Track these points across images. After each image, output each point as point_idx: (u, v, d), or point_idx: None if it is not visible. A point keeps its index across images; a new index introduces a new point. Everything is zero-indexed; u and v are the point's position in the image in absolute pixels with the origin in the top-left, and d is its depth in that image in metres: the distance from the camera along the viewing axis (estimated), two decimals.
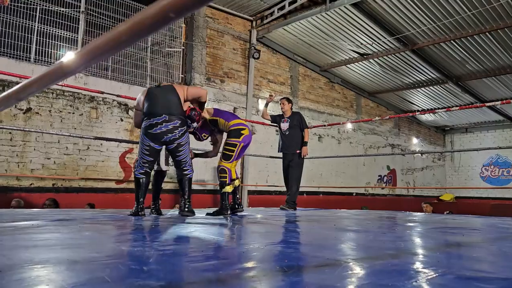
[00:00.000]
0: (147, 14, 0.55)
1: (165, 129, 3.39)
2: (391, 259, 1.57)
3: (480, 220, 3.41)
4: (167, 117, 3.40)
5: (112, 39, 0.60)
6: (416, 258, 1.60)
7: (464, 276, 1.20)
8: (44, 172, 6.40)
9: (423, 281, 1.14)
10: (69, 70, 0.71)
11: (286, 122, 5.59)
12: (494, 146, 11.13)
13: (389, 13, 7.98)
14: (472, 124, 14.34)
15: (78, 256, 1.35)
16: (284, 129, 5.57)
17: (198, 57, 8.55)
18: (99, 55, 0.65)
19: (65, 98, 6.70)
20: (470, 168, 14.54)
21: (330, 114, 11.07)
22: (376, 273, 1.28)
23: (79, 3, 7.01)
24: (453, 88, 10.93)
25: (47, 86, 0.81)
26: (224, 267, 1.23)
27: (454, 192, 14.20)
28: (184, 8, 0.52)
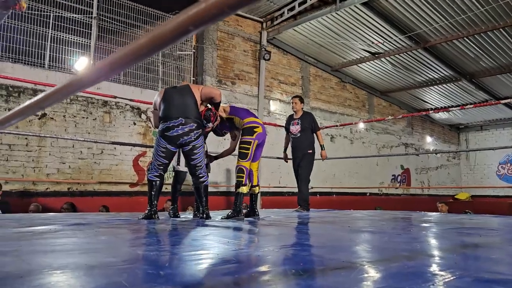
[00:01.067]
0: (167, 28, 0.56)
1: (181, 131, 3.40)
2: (407, 261, 1.55)
3: (497, 220, 3.36)
4: (183, 120, 3.41)
5: (133, 51, 0.62)
6: (433, 260, 1.58)
7: (483, 278, 1.19)
8: (59, 176, 6.49)
9: (440, 284, 1.13)
10: (89, 81, 0.73)
11: (296, 124, 5.32)
12: (510, 144, 10.96)
13: (400, 11, 7.91)
14: (487, 122, 14.12)
15: (95, 261, 1.37)
16: (295, 132, 5.32)
17: (209, 59, 8.59)
18: (120, 66, 0.66)
19: (78, 103, 6.79)
20: (486, 166, 14.31)
21: (342, 114, 11.01)
22: (392, 275, 1.27)
23: (91, 9, 7.10)
24: (466, 86, 10.79)
25: (68, 96, 0.82)
26: (240, 270, 1.24)
27: (470, 191, 13.98)
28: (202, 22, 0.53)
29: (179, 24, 0.55)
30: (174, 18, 0.56)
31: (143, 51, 0.60)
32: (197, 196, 3.57)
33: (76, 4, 6.93)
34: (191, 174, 3.59)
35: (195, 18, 0.52)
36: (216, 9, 0.49)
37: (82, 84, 0.74)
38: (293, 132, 5.31)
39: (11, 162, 6.08)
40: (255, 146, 3.70)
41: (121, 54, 0.64)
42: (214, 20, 0.52)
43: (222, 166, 8.20)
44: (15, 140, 6.11)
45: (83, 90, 4.46)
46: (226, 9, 0.50)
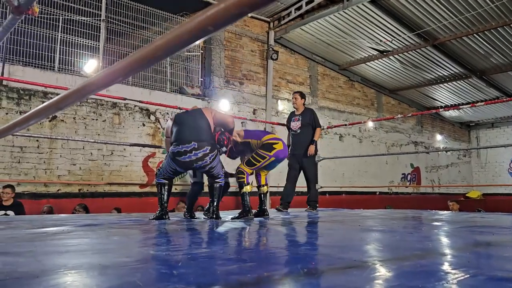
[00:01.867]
0: (186, 29, 0.57)
1: (194, 157, 3.28)
2: (419, 260, 1.55)
3: (510, 218, 3.33)
4: (196, 144, 3.28)
5: (150, 53, 0.62)
6: (445, 258, 1.57)
7: (496, 277, 1.18)
8: (70, 178, 6.56)
9: (453, 282, 1.12)
10: (106, 83, 0.74)
11: (297, 120, 5.19)
12: None
13: (408, 9, 7.86)
14: (498, 119, 13.95)
15: (108, 261, 1.39)
16: (295, 128, 5.18)
17: (216, 60, 8.61)
18: (137, 68, 0.67)
19: (88, 105, 6.85)
20: (497, 164, 14.14)
21: (350, 113, 10.96)
22: (404, 274, 1.27)
23: (100, 12, 7.17)
24: (477, 83, 10.68)
25: (85, 98, 0.83)
26: (252, 270, 1.24)
27: (481, 189, 13.83)
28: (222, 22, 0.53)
29: (198, 24, 0.55)
30: (192, 18, 0.56)
31: (161, 53, 0.61)
32: (210, 195, 3.51)
33: (85, 7, 6.99)
34: (208, 175, 3.53)
35: (214, 18, 0.53)
36: (235, 8, 0.50)
37: (98, 85, 0.75)
38: (293, 128, 5.19)
39: (23, 164, 6.16)
40: (270, 161, 3.64)
41: (139, 55, 0.64)
42: (233, 20, 0.52)
43: (232, 166, 8.20)
44: (27, 142, 6.19)
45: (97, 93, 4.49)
46: (245, 9, 0.50)
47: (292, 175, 5.10)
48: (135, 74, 0.72)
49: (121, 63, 0.69)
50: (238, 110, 8.62)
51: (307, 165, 5.05)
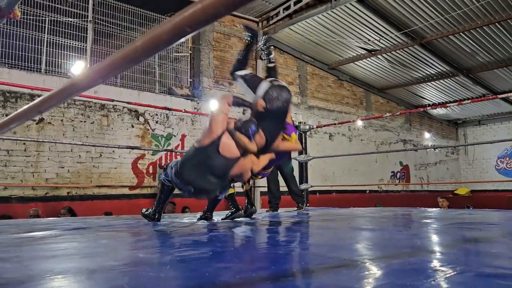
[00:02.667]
0: (163, 30, 0.56)
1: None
2: (408, 257, 1.56)
3: (497, 214, 3.37)
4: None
5: (129, 54, 0.61)
6: (434, 255, 1.58)
7: (484, 273, 1.19)
8: (58, 181, 6.49)
9: (441, 279, 1.13)
10: (85, 85, 0.73)
11: None
12: (508, 138, 11.00)
13: (396, 8, 7.92)
14: (485, 116, 14.14)
15: (96, 265, 1.37)
16: None
17: (205, 60, 8.59)
18: (117, 69, 0.66)
19: (76, 107, 6.78)
20: (484, 160, 14.34)
21: (340, 112, 11.02)
22: (393, 272, 1.27)
23: (87, 13, 7.10)
24: (464, 81, 10.81)
25: (65, 100, 0.82)
26: (241, 270, 1.24)
27: (469, 186, 14.01)
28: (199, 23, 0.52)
29: (175, 25, 0.54)
30: (169, 19, 0.56)
31: (139, 54, 0.60)
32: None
33: (72, 8, 6.92)
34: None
35: (191, 19, 0.52)
36: (212, 9, 0.49)
37: (77, 88, 0.74)
38: None
39: (10, 168, 6.07)
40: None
41: (117, 57, 0.63)
42: (211, 20, 0.52)
43: None
44: (13, 146, 6.10)
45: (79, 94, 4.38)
46: (222, 9, 0.49)
47: (275, 176, 5.01)
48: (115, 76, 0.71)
49: (99, 66, 0.68)
50: None
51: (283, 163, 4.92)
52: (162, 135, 7.67)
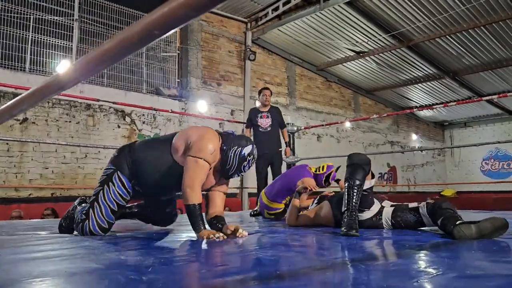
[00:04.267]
0: (132, 32, 0.54)
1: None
2: (393, 259, 1.56)
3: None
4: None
5: (100, 56, 0.59)
6: (418, 257, 1.59)
7: (466, 274, 1.19)
8: (42, 182, 6.39)
9: (424, 280, 1.13)
10: (58, 87, 0.71)
11: (266, 117, 5.00)
12: (493, 140, 11.16)
13: (384, 10, 7.99)
14: (470, 119, 14.35)
15: (76, 267, 1.34)
16: (265, 126, 4.98)
17: (193, 61, 8.55)
18: (89, 71, 0.64)
19: (61, 107, 6.69)
20: (470, 162, 14.54)
21: (328, 114, 11.07)
22: (377, 274, 1.27)
23: (73, 11, 7.01)
24: (450, 83, 10.95)
25: (37, 103, 0.80)
26: (224, 273, 1.22)
27: (455, 187, 14.19)
28: (168, 26, 0.51)
29: (144, 27, 0.53)
30: (138, 22, 0.54)
31: (109, 56, 0.58)
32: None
33: (57, 6, 6.83)
34: None
35: (160, 21, 0.51)
36: (180, 11, 0.47)
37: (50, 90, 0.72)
38: (263, 126, 4.98)
39: None
40: None
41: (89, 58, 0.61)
42: (180, 23, 0.50)
43: None
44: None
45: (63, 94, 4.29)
46: (190, 12, 0.48)
47: (263, 180, 4.96)
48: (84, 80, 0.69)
49: (71, 68, 0.66)
50: (216, 111, 8.57)
51: (277, 164, 4.95)
52: (149, 135, 7.61)
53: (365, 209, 2.51)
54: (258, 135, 4.97)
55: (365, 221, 2.52)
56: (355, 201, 2.29)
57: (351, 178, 2.33)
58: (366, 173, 2.39)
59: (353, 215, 2.25)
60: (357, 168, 2.35)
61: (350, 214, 2.25)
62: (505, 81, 10.65)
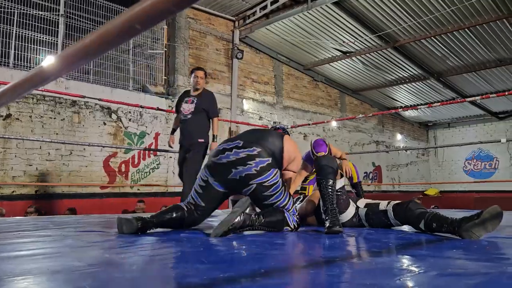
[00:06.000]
0: (113, 26, 0.54)
1: (233, 157, 2.27)
2: (376, 257, 1.58)
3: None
4: (241, 142, 2.32)
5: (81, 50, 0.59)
6: (401, 255, 1.61)
7: (447, 272, 1.22)
8: (26, 179, 6.29)
9: (406, 278, 1.15)
10: (39, 81, 0.70)
11: (191, 102, 4.14)
12: (476, 140, 11.37)
13: (370, 11, 8.06)
14: (454, 119, 14.59)
15: (59, 265, 1.33)
16: (186, 112, 4.12)
17: (181, 58, 8.50)
18: (70, 65, 0.63)
19: (46, 103, 6.59)
20: (453, 162, 14.79)
21: (314, 113, 11.12)
22: (360, 272, 1.29)
23: (58, 6, 6.91)
24: (434, 84, 11.11)
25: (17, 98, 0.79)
26: (208, 272, 1.22)
27: (439, 186, 14.41)
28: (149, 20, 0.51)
29: (125, 22, 0.53)
30: (120, 15, 0.54)
31: (90, 51, 0.58)
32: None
33: (42, 1, 6.72)
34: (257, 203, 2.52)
35: (141, 15, 0.51)
36: (162, 6, 0.48)
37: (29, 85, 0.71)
38: (184, 112, 4.15)
39: None
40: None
41: (70, 52, 0.61)
42: (161, 18, 0.50)
43: None
44: None
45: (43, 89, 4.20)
46: (172, 7, 0.48)
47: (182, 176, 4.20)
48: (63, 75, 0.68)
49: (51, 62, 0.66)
50: None
51: (191, 156, 4.03)
52: (135, 133, 7.55)
53: (342, 211, 2.55)
54: (181, 122, 4.22)
55: (345, 223, 2.55)
56: (332, 199, 2.34)
57: (323, 179, 2.38)
58: (336, 172, 2.44)
59: (334, 212, 2.29)
60: (326, 168, 2.40)
61: (331, 212, 2.29)
62: (488, 82, 10.85)
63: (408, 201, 2.40)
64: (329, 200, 2.34)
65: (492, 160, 13.95)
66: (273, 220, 2.28)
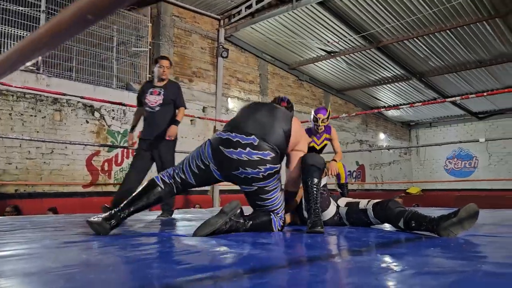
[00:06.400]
0: (64, 17, 0.52)
1: (245, 157, 2.19)
2: (355, 256, 1.59)
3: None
4: (256, 140, 2.22)
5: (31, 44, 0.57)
6: (380, 254, 1.63)
7: (424, 271, 1.23)
8: (5, 177, 6.16)
9: (384, 277, 1.17)
10: None
11: (157, 94, 3.83)
12: (456, 140, 11.58)
13: (354, 11, 8.13)
14: (435, 119, 14.84)
15: (34, 267, 1.30)
16: (153, 104, 3.80)
17: None
18: (20, 61, 0.61)
19: (26, 100, 6.47)
20: (434, 161, 15.04)
21: (299, 112, 11.16)
22: (339, 271, 1.30)
23: (40, 2, 6.78)
24: (417, 84, 11.27)
25: None
26: (187, 272, 1.21)
27: (420, 185, 14.64)
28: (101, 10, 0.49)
29: (76, 12, 0.51)
30: (70, 6, 0.52)
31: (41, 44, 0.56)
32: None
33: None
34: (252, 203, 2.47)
35: (92, 5, 0.49)
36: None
37: None
38: (151, 104, 3.82)
39: None
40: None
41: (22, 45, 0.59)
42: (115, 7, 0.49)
43: None
44: None
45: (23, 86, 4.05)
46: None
47: (139, 166, 3.77)
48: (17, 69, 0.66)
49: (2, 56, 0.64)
50: (188, 107, 8.48)
51: (164, 153, 3.77)
52: (119, 131, 7.46)
53: (323, 209, 2.57)
54: (146, 115, 3.89)
55: (326, 222, 2.57)
56: (316, 199, 2.35)
57: (309, 178, 2.39)
58: (322, 171, 2.45)
59: (317, 212, 2.31)
60: (313, 168, 2.41)
61: (314, 211, 2.31)
62: (468, 83, 11.05)
63: (388, 200, 2.43)
64: (313, 200, 2.35)
65: (471, 159, 14.23)
66: (259, 224, 2.29)
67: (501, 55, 9.35)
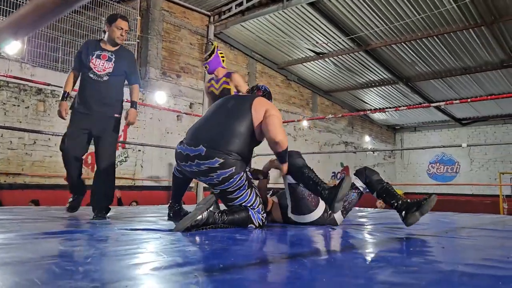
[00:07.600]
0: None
1: (196, 169, 2.33)
2: (335, 254, 1.61)
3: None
4: (204, 150, 2.28)
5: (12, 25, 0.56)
6: (360, 253, 1.65)
7: (402, 270, 1.25)
8: None
9: (362, 275, 1.18)
10: None
11: (107, 59, 3.05)
12: (439, 145, 11.76)
13: (344, 14, 8.17)
14: (420, 124, 15.04)
15: (11, 257, 1.28)
16: (101, 71, 3.01)
17: (153, 51, 8.36)
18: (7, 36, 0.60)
19: (9, 89, 6.34)
20: (418, 165, 15.24)
21: (286, 112, 11.19)
22: (318, 268, 1.30)
23: None
24: (403, 89, 11.39)
25: None
26: (165, 266, 1.21)
27: (403, 188, 14.82)
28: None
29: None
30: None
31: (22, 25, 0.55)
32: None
33: None
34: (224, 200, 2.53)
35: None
36: None
37: None
38: (97, 71, 3.02)
39: None
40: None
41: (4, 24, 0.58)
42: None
43: (164, 160, 8.04)
44: None
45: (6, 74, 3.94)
46: None
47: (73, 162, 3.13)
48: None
49: None
50: (175, 103, 8.43)
51: (109, 137, 3.05)
52: None
53: (312, 209, 2.58)
54: (87, 83, 3.04)
55: (316, 221, 2.58)
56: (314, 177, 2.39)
57: (295, 165, 2.47)
58: (302, 158, 2.56)
59: (325, 187, 2.32)
60: (294, 156, 2.51)
61: (323, 188, 2.32)
62: (453, 89, 11.22)
63: (364, 167, 2.71)
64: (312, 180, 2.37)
65: (454, 164, 14.47)
66: (236, 218, 2.32)
67: (486, 63, 9.53)
